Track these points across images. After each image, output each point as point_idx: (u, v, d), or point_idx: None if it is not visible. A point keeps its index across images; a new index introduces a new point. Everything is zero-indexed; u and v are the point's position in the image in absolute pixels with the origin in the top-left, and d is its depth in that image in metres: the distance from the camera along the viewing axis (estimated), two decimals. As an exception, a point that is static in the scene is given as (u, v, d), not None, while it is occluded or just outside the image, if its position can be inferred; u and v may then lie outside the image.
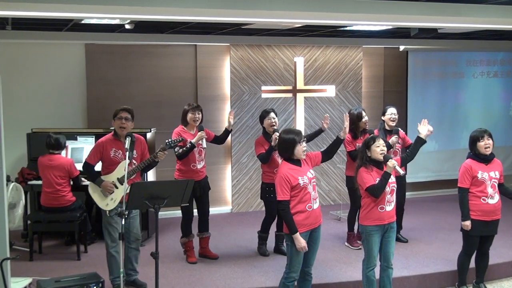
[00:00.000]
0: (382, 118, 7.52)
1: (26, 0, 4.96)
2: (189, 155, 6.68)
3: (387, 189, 5.48)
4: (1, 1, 4.85)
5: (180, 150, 6.61)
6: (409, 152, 5.98)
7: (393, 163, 5.44)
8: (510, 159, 11.29)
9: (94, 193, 5.95)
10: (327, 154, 5.62)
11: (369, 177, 5.49)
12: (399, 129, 7.46)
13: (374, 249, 5.58)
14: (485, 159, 5.99)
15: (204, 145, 6.85)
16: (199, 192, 6.79)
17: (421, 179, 10.17)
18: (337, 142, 5.67)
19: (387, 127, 7.44)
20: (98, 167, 6.07)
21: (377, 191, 5.45)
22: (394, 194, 5.62)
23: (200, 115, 6.82)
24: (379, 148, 5.50)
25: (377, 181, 5.46)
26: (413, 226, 8.33)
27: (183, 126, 6.83)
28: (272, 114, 7.00)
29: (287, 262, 5.36)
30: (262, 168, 7.13)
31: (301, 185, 5.19)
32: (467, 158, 6.09)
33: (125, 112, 5.91)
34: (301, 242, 5.16)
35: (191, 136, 6.73)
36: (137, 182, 5.65)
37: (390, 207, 5.58)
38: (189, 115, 6.75)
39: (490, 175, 5.95)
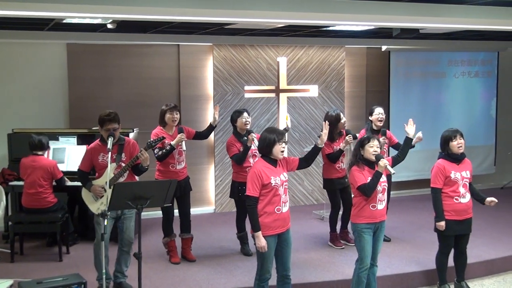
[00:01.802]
0: (370, 118, 7.56)
1: (6, -1, 4.92)
2: (168, 156, 6.66)
3: (379, 188, 5.53)
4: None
5: (160, 152, 6.59)
6: (400, 152, 6.17)
7: (384, 162, 5.49)
8: (491, 157, 11.40)
9: (86, 199, 5.99)
10: (306, 162, 5.59)
11: (361, 176, 5.53)
12: (386, 130, 7.48)
13: (367, 247, 5.60)
14: (457, 159, 6.05)
15: (184, 147, 6.82)
16: (179, 193, 6.75)
17: (403, 179, 10.23)
18: (315, 150, 5.61)
19: (374, 127, 7.48)
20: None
21: (368, 190, 5.49)
22: (386, 193, 5.67)
23: (178, 115, 6.80)
24: (372, 149, 5.55)
25: (368, 180, 5.49)
26: (396, 225, 8.38)
27: (161, 127, 6.80)
28: (246, 114, 7.00)
29: (257, 263, 5.36)
30: (233, 167, 7.11)
31: (272, 184, 5.18)
32: (438, 158, 6.14)
33: (112, 124, 5.81)
34: (261, 241, 5.14)
35: (170, 137, 6.70)
36: (119, 183, 5.63)
37: (381, 205, 5.62)
38: (167, 116, 6.73)
39: (462, 175, 6.01)
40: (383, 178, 5.59)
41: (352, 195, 5.81)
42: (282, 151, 5.30)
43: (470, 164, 6.19)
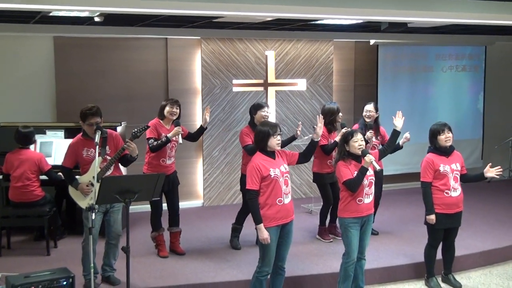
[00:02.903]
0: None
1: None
2: (161, 149, 6.64)
3: (365, 181, 5.55)
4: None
5: (155, 143, 6.57)
6: (386, 145, 6.22)
7: (370, 158, 5.50)
8: (478, 151, 11.47)
9: (75, 196, 5.92)
10: (304, 156, 5.63)
11: (347, 171, 5.55)
12: (373, 124, 7.46)
13: (353, 241, 5.63)
14: (446, 152, 6.08)
15: (180, 140, 6.83)
16: (167, 187, 6.74)
17: (390, 172, 10.26)
18: (313, 144, 5.66)
19: (366, 123, 7.51)
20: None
21: (354, 186, 5.51)
22: (373, 187, 5.68)
23: (178, 110, 6.79)
24: (357, 143, 5.57)
25: (354, 175, 5.51)
26: (383, 219, 8.41)
27: (159, 120, 6.79)
28: (266, 108, 7.01)
29: (259, 256, 5.37)
30: (242, 159, 7.11)
31: (271, 176, 5.20)
32: (427, 153, 6.17)
33: (95, 117, 5.75)
34: (263, 233, 5.17)
35: (166, 131, 6.70)
36: (107, 176, 5.60)
37: (368, 199, 5.64)
38: (167, 109, 6.72)
39: (451, 168, 6.03)
40: (370, 172, 5.61)
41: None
42: (278, 143, 5.32)
43: (460, 156, 6.21)
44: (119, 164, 6.05)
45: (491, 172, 6.00)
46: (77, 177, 5.91)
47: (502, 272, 6.91)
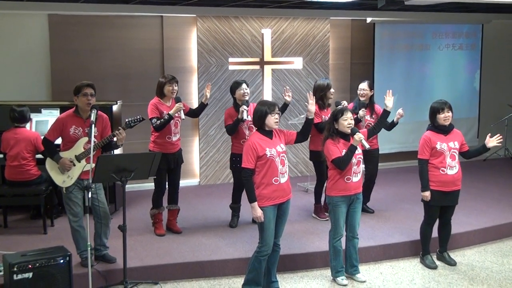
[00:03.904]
0: None
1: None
2: (166, 127, 6.64)
3: (354, 160, 5.58)
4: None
5: (158, 122, 6.56)
6: (376, 124, 6.27)
7: (359, 136, 5.51)
8: (474, 130, 11.49)
9: (52, 170, 5.81)
10: (302, 135, 5.60)
11: (335, 149, 5.56)
12: (366, 103, 7.44)
13: (341, 219, 5.69)
14: (444, 130, 6.09)
15: (183, 116, 6.82)
16: (173, 164, 6.79)
17: (386, 151, 10.29)
18: (308, 122, 5.61)
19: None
20: (59, 141, 5.93)
21: (342, 164, 5.53)
22: (361, 165, 5.71)
23: (177, 87, 6.78)
24: (346, 122, 5.57)
25: (343, 153, 5.52)
26: (379, 197, 8.44)
27: (159, 98, 6.77)
28: (244, 85, 7.00)
29: (259, 236, 5.39)
30: (231, 139, 7.13)
31: (267, 156, 5.20)
32: (427, 130, 6.19)
33: (89, 88, 5.71)
34: (257, 211, 5.19)
35: (168, 108, 6.70)
36: (103, 155, 5.58)
37: (356, 178, 5.67)
38: (167, 88, 6.70)
39: (449, 146, 6.04)
40: (359, 150, 5.63)
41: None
42: (276, 122, 5.31)
43: (460, 134, 6.23)
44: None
45: (492, 141, 6.04)
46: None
47: (496, 249, 6.96)
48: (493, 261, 6.57)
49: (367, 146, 5.62)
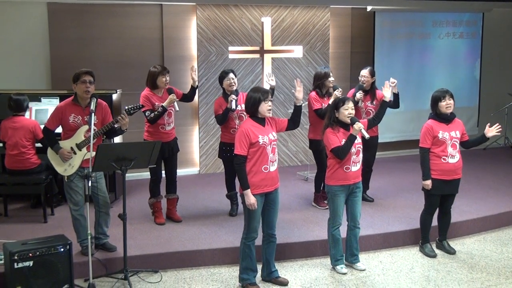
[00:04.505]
0: None
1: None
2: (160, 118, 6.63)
3: (353, 149, 5.57)
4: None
5: (152, 115, 6.54)
6: (375, 115, 6.30)
7: (359, 126, 5.51)
8: (474, 119, 11.48)
9: (53, 159, 5.82)
10: (293, 123, 5.59)
11: (335, 139, 5.56)
12: (363, 86, 7.39)
13: (339, 208, 5.70)
14: (446, 119, 6.09)
15: (177, 107, 6.80)
16: (167, 153, 6.78)
17: (386, 140, 10.29)
18: (297, 110, 5.58)
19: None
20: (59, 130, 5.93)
21: (341, 153, 5.53)
22: (360, 155, 5.71)
23: (169, 77, 6.76)
24: (347, 111, 5.57)
25: (342, 143, 5.52)
26: (379, 186, 8.45)
27: (149, 89, 6.74)
28: (231, 75, 6.97)
29: (244, 223, 5.40)
30: (221, 128, 7.14)
31: (260, 143, 5.20)
32: (428, 119, 6.19)
33: (88, 75, 5.69)
34: (250, 198, 5.18)
35: (159, 99, 6.66)
36: (103, 144, 5.58)
37: (355, 167, 5.67)
38: (161, 79, 6.64)
39: (450, 135, 6.04)
40: (358, 140, 5.63)
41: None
42: (269, 109, 5.30)
43: (461, 124, 6.23)
44: (104, 136, 5.95)
45: (491, 131, 6.05)
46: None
47: (496, 238, 6.98)
48: (492, 250, 6.59)
49: (366, 135, 5.63)
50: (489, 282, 5.72)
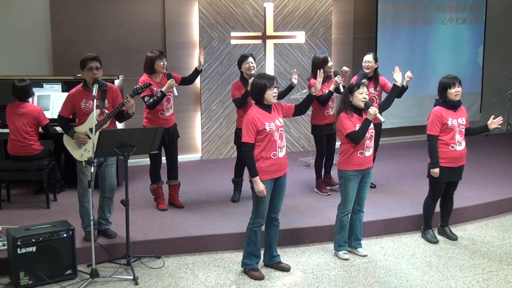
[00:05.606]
0: None
1: None
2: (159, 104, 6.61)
3: (367, 134, 5.56)
4: None
5: (151, 100, 6.53)
6: (386, 100, 6.25)
7: (374, 110, 5.51)
8: (476, 105, 11.46)
9: (68, 145, 5.89)
10: (300, 109, 5.58)
11: (350, 123, 5.55)
12: (367, 73, 7.36)
13: (351, 194, 5.70)
14: (454, 106, 6.06)
15: (176, 93, 6.79)
16: (167, 140, 6.77)
17: (389, 126, 10.27)
18: (310, 98, 5.61)
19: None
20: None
21: (357, 138, 5.52)
22: (373, 140, 5.70)
23: (166, 62, 6.76)
24: (361, 96, 5.55)
25: (357, 128, 5.51)
26: (381, 172, 8.45)
27: (148, 75, 6.72)
28: (250, 59, 6.97)
29: (252, 208, 5.41)
30: (237, 113, 7.11)
31: (267, 130, 5.19)
32: (435, 106, 6.14)
33: (94, 62, 5.72)
34: (259, 185, 5.18)
35: (158, 84, 6.64)
36: (105, 130, 5.58)
37: (369, 152, 5.67)
38: (159, 63, 6.63)
39: (458, 122, 6.02)
40: (371, 125, 5.62)
41: (339, 142, 5.81)
42: (275, 96, 5.27)
43: (465, 111, 6.21)
44: (115, 119, 6.01)
45: (495, 123, 6.03)
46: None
47: (497, 224, 6.99)
48: (494, 236, 6.60)
49: (382, 119, 5.65)
50: (490, 268, 5.73)
